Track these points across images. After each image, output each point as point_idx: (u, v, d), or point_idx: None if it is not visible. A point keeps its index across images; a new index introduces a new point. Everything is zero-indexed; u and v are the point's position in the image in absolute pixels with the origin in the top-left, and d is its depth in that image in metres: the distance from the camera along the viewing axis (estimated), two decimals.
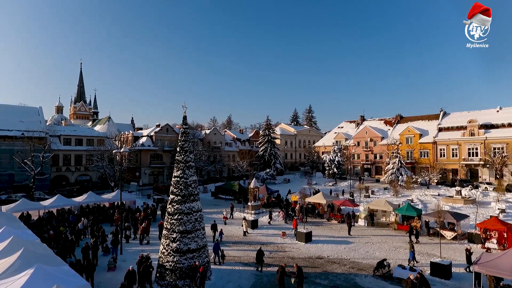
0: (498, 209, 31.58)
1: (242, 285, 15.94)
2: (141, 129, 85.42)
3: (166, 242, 15.86)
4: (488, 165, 49.97)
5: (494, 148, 49.86)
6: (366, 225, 29.27)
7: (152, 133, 64.97)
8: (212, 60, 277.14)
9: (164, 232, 16.21)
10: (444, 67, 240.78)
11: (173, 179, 16.62)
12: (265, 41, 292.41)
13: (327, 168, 61.85)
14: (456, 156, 54.57)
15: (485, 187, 44.80)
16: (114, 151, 36.80)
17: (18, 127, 48.03)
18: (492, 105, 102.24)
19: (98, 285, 15.58)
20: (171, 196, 16.40)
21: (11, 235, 14.73)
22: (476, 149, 52.22)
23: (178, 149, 16.81)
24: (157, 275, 15.92)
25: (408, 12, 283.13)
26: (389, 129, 69.11)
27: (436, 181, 51.17)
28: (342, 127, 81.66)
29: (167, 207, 16.60)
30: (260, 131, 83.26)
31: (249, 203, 34.81)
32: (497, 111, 55.23)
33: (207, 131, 76.31)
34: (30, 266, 10.76)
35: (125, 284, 13.82)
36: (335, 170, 60.11)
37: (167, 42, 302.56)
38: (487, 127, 52.82)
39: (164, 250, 15.83)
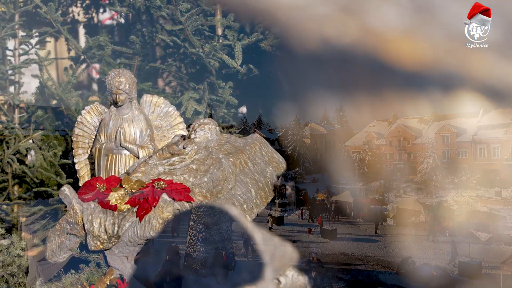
0: None
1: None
2: None
3: (192, 232, 16.73)
4: None
5: None
6: (394, 224, 28.67)
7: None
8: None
9: (191, 223, 17.17)
10: None
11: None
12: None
13: (357, 167, 60.74)
14: (498, 155, 51.25)
15: None
16: None
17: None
18: None
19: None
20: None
21: None
22: None
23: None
24: (185, 263, 16.89)
25: None
26: (423, 128, 66.29)
27: (474, 181, 48.53)
28: (373, 126, 79.43)
29: None
30: (289, 131, 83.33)
31: (276, 201, 35.26)
32: None
33: (237, 131, 77.60)
34: None
35: (162, 271, 14.94)
36: (365, 169, 58.92)
37: None
38: None
39: (190, 240, 16.77)
